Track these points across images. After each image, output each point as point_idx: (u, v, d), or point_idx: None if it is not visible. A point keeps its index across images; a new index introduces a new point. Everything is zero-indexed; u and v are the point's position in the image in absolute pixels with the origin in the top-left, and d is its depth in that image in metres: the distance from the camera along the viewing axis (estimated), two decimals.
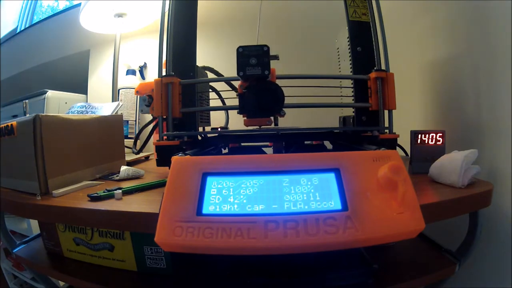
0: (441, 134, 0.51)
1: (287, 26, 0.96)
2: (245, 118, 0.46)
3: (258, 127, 0.50)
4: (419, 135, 0.51)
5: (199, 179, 0.31)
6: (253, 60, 0.42)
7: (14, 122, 0.47)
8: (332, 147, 0.59)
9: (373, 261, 0.40)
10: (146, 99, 0.54)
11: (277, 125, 0.49)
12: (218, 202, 0.30)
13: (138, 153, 0.74)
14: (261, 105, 0.43)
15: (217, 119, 0.79)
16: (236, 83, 0.65)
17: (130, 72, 1.05)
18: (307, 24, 0.97)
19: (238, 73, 0.42)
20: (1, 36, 1.60)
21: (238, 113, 0.46)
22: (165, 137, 0.49)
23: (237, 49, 0.42)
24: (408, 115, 0.76)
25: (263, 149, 0.59)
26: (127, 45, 1.12)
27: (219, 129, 0.67)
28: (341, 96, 0.56)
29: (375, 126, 0.51)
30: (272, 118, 0.47)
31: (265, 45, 0.42)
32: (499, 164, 0.50)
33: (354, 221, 0.28)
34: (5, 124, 0.48)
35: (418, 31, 0.75)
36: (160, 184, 0.47)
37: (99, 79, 1.19)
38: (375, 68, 0.50)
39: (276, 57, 0.43)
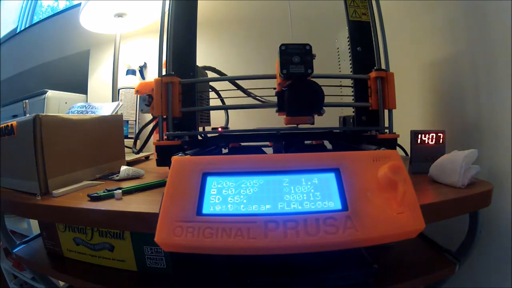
0: (441, 134, 0.51)
1: (287, 26, 0.96)
2: (284, 116, 0.46)
3: (296, 125, 0.49)
4: (419, 135, 0.51)
5: (199, 179, 0.31)
6: (296, 58, 0.41)
7: (14, 122, 0.47)
8: (332, 147, 0.59)
9: (373, 261, 0.40)
10: (146, 99, 0.54)
11: (313, 124, 0.49)
12: (218, 202, 0.30)
13: (138, 153, 0.74)
14: (301, 103, 0.42)
15: (216, 119, 0.79)
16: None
17: (130, 72, 1.05)
18: (307, 24, 0.97)
19: (281, 71, 0.42)
20: (1, 36, 1.60)
21: (276, 111, 0.46)
22: (165, 137, 0.49)
23: (280, 47, 0.42)
24: (408, 115, 0.76)
25: (263, 149, 0.59)
26: (127, 45, 1.12)
27: (219, 129, 0.67)
28: (341, 95, 0.56)
29: (375, 126, 0.51)
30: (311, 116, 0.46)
31: (307, 44, 0.42)
32: (499, 164, 0.50)
33: (354, 221, 0.28)
34: (5, 124, 0.48)
35: (418, 31, 0.75)
36: (160, 184, 0.47)
37: (99, 79, 1.19)
38: (375, 68, 0.50)
39: (314, 56, 0.43)
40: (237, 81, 0.64)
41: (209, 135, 0.57)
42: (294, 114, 0.44)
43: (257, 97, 0.66)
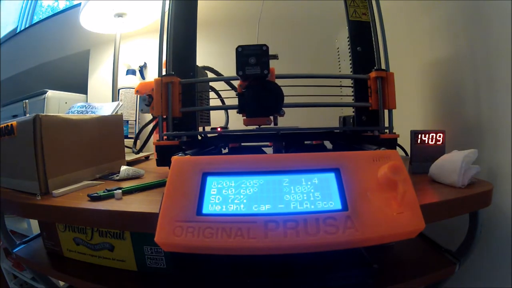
0: (441, 134, 0.51)
1: (287, 26, 0.96)
2: (245, 117, 0.46)
3: (257, 126, 0.50)
4: (419, 135, 0.51)
5: (199, 179, 0.31)
6: (252, 59, 0.42)
7: (14, 122, 0.47)
8: (332, 147, 0.59)
9: (373, 261, 0.40)
10: (146, 99, 0.54)
11: (277, 125, 0.49)
12: (218, 202, 0.30)
13: (138, 153, 0.74)
14: (260, 104, 0.43)
15: (216, 119, 0.79)
16: (236, 83, 0.66)
17: (130, 72, 1.05)
18: (307, 24, 0.97)
19: (237, 73, 0.42)
20: (1, 36, 1.60)
21: (237, 112, 0.46)
22: (165, 137, 0.49)
23: (236, 49, 0.42)
24: (408, 115, 0.76)
25: (263, 149, 0.59)
26: (127, 45, 1.12)
27: (218, 129, 0.67)
28: (341, 95, 0.56)
29: (375, 126, 0.51)
30: (271, 117, 0.47)
31: (264, 45, 0.42)
32: (499, 164, 0.50)
33: (354, 221, 0.28)
34: (5, 124, 0.48)
35: (418, 31, 0.75)
36: (160, 184, 0.47)
37: (99, 79, 1.19)
38: (375, 68, 0.50)
39: (275, 57, 0.43)
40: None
41: (209, 135, 0.57)
42: (253, 115, 0.45)
43: None
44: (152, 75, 1.09)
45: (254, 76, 0.42)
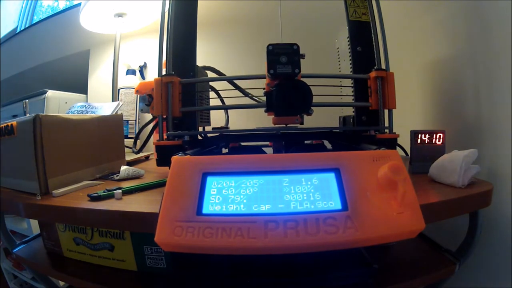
0: (441, 134, 0.51)
1: (287, 26, 0.96)
2: (273, 116, 0.46)
3: (285, 125, 0.50)
4: (419, 135, 0.51)
5: (199, 179, 0.31)
6: (284, 58, 0.41)
7: (14, 122, 0.47)
8: (332, 147, 0.59)
9: (373, 261, 0.40)
10: (146, 98, 0.54)
11: (303, 124, 0.49)
12: (218, 202, 0.30)
13: (138, 152, 0.74)
14: (290, 103, 0.42)
15: (216, 119, 0.79)
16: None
17: (130, 72, 1.05)
18: (307, 24, 0.97)
19: (268, 71, 0.42)
20: (1, 36, 1.60)
21: (265, 111, 0.46)
22: (165, 137, 0.49)
23: (267, 47, 0.42)
24: (408, 115, 0.76)
25: (263, 149, 0.59)
26: (127, 45, 1.12)
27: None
28: (341, 95, 0.56)
29: (375, 126, 0.51)
30: (299, 116, 0.46)
31: (295, 44, 0.42)
32: (499, 164, 0.50)
33: (354, 221, 0.28)
34: (5, 124, 0.48)
35: (418, 31, 0.75)
36: (160, 184, 0.47)
37: (99, 79, 1.19)
38: (375, 67, 0.50)
39: (303, 56, 0.43)
40: (237, 81, 0.64)
41: (209, 135, 0.57)
42: (282, 114, 0.44)
43: (254, 97, 0.66)
44: (152, 75, 1.09)
45: (285, 75, 0.42)
